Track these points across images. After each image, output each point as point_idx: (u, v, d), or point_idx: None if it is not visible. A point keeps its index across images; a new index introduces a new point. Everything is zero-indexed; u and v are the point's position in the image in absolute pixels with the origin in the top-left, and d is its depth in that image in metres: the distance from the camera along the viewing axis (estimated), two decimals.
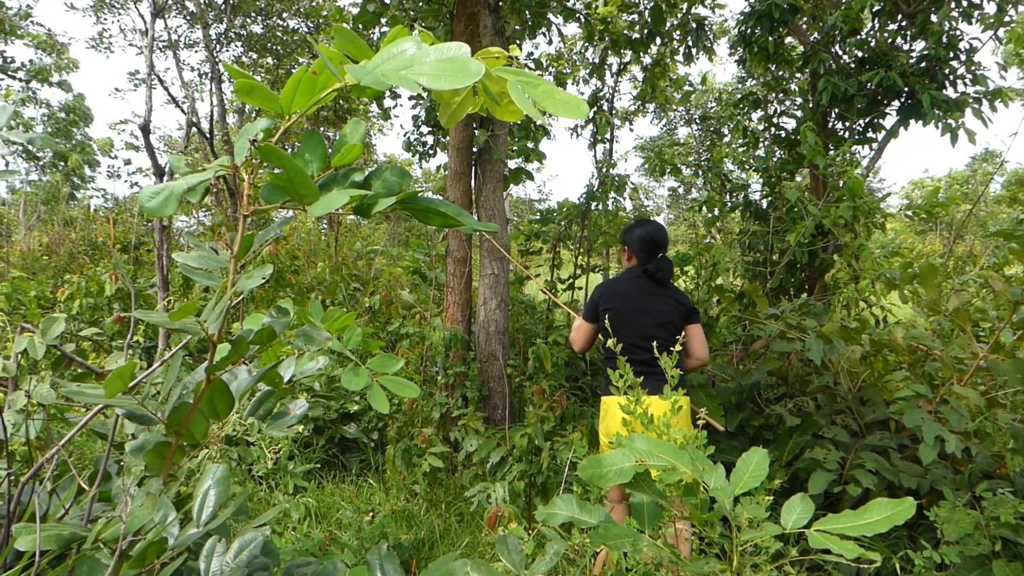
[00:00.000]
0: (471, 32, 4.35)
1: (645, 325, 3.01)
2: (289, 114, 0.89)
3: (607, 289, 3.14)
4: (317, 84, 0.85)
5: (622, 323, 3.00)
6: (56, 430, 2.14)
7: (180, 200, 0.91)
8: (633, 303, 3.05)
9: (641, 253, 3.14)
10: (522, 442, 3.79)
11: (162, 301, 4.71)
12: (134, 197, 15.30)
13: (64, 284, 6.67)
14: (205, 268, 1.06)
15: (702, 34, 5.80)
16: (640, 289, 3.08)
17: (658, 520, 1.60)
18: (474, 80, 0.72)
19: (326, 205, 0.84)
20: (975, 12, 4.51)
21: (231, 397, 1.17)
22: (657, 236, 3.13)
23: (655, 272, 3.07)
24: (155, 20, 5.22)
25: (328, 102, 0.90)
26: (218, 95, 11.65)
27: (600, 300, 3.11)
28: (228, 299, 0.94)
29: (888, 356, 3.41)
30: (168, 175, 4.76)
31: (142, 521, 0.96)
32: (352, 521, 3.35)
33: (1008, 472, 2.68)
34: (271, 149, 0.81)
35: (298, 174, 0.84)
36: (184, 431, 1.13)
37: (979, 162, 26.43)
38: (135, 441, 1.27)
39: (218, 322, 0.96)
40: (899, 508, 1.23)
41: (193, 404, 1.10)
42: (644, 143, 19.31)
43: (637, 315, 3.03)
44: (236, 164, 0.94)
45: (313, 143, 0.97)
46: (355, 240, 10.43)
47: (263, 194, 0.93)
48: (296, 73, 0.85)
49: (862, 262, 3.70)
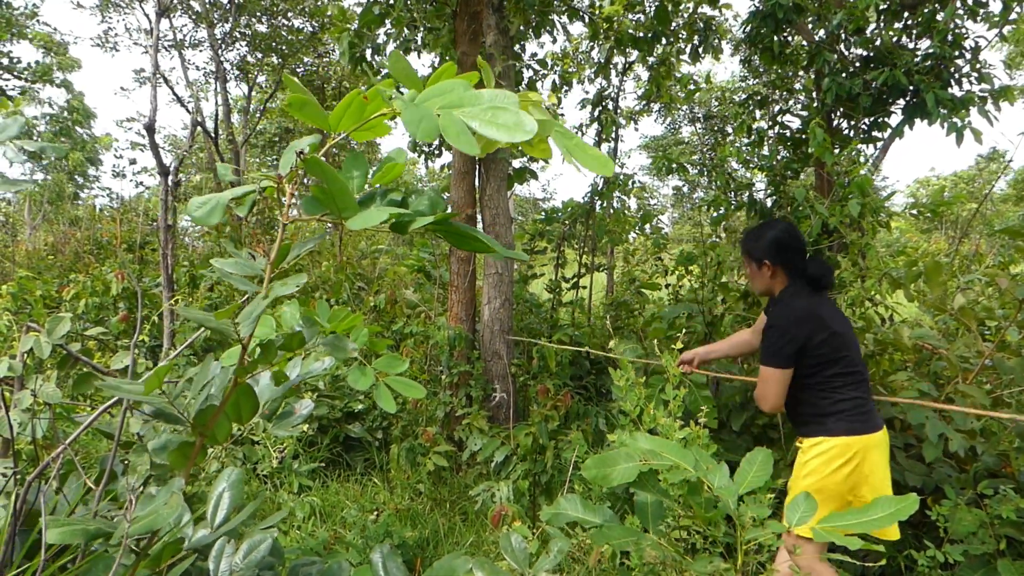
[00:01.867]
0: (474, 31, 4.35)
1: (855, 344, 2.45)
2: (336, 132, 0.92)
3: (799, 321, 2.39)
4: (367, 109, 0.89)
5: (847, 343, 2.40)
6: (62, 429, 2.15)
7: (225, 210, 0.96)
8: (837, 319, 2.44)
9: (790, 260, 2.54)
10: (526, 441, 3.79)
11: (167, 300, 4.72)
12: (139, 196, 15.34)
13: (70, 283, 6.70)
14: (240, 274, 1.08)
15: (709, 34, 5.80)
16: (830, 305, 2.50)
17: (662, 519, 1.60)
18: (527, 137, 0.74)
19: (365, 220, 0.87)
20: (980, 10, 4.50)
21: (256, 401, 1.18)
22: (794, 232, 2.57)
23: (822, 278, 2.51)
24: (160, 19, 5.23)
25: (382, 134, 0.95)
26: (223, 94, 11.68)
27: (804, 332, 2.37)
28: (266, 304, 0.96)
29: (894, 355, 3.40)
30: (173, 174, 4.77)
31: (161, 522, 0.97)
32: (357, 520, 3.36)
33: (1013, 471, 2.67)
34: (317, 161, 0.86)
35: (341, 189, 0.88)
36: (209, 432, 1.14)
37: (985, 161, 26.34)
38: (157, 440, 1.29)
39: (252, 326, 0.98)
40: (903, 504, 1.24)
41: (219, 406, 1.11)
42: (649, 142, 19.31)
43: (847, 327, 2.45)
44: (281, 175, 0.97)
45: (356, 162, 1.03)
46: (360, 239, 10.43)
47: (303, 206, 0.98)
48: (347, 96, 0.88)
49: (868, 261, 3.69)
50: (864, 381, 2.40)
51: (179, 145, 20.43)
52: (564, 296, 5.47)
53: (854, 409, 2.34)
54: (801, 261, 2.53)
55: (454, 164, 4.44)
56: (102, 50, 13.55)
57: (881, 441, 2.33)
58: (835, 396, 2.37)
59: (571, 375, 4.79)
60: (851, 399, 2.35)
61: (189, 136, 6.80)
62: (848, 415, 2.33)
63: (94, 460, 3.76)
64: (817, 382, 2.40)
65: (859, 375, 2.38)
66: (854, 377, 2.37)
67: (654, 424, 1.96)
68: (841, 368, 2.37)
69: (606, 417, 4.26)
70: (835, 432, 2.33)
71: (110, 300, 6.30)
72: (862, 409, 2.34)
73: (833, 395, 2.37)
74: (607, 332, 5.36)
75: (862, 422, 2.32)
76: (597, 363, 5.19)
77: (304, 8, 11.09)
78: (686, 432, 2.00)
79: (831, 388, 2.38)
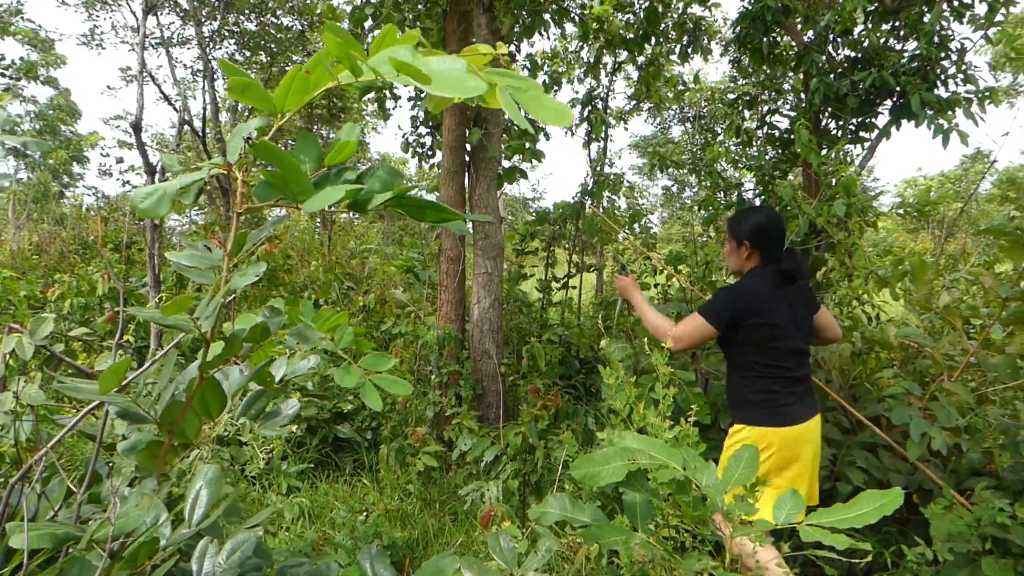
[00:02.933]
0: (464, 30, 4.34)
1: (798, 336, 2.58)
2: (283, 113, 0.89)
3: (749, 295, 2.58)
4: (310, 83, 0.86)
5: (779, 337, 2.54)
6: (45, 431, 2.14)
7: (174, 200, 0.92)
8: (787, 311, 2.57)
9: (766, 247, 2.67)
10: (516, 441, 3.79)
11: (154, 300, 4.69)
12: (126, 195, 15.23)
13: (54, 283, 6.64)
14: (198, 266, 1.06)
15: (699, 34, 5.82)
16: (787, 293, 2.62)
17: (651, 518, 1.60)
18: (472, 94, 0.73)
19: (321, 201, 0.84)
20: (966, 13, 4.53)
21: (223, 396, 1.16)
22: (778, 223, 2.68)
23: (794, 271, 2.63)
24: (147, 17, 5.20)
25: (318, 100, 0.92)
26: (211, 93, 11.61)
27: (750, 309, 2.55)
28: (221, 297, 0.94)
29: (880, 353, 3.43)
30: (160, 173, 4.75)
31: (135, 522, 0.96)
32: (346, 521, 3.35)
33: (996, 468, 2.69)
34: (266, 145, 0.82)
35: (293, 170, 0.85)
36: (177, 430, 1.12)
37: (971, 161, 26.56)
38: (127, 441, 1.27)
39: (211, 319, 0.96)
40: (888, 499, 1.25)
41: (186, 403, 1.10)
42: (638, 142, 19.34)
43: (792, 325, 2.56)
44: (229, 162, 0.94)
45: (308, 142, 0.99)
46: (349, 239, 10.41)
47: (256, 192, 0.94)
48: (290, 72, 0.85)
49: (855, 260, 3.72)
50: (788, 379, 2.53)
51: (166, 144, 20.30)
52: (554, 296, 5.48)
53: (768, 402, 2.50)
54: (777, 250, 2.67)
55: (443, 163, 4.43)
56: (88, 48, 13.44)
57: (799, 435, 2.47)
58: (755, 386, 2.54)
59: (560, 374, 4.79)
60: (768, 392, 2.51)
61: (176, 135, 6.76)
62: (761, 406, 2.51)
63: (79, 462, 3.73)
64: (741, 365, 2.59)
65: (784, 371, 2.52)
66: (777, 372, 2.52)
67: (644, 423, 1.96)
68: (766, 359, 2.53)
69: (596, 416, 4.26)
70: (751, 421, 2.53)
71: (96, 300, 6.25)
72: (778, 403, 2.50)
73: (753, 384, 2.55)
74: (596, 332, 5.37)
75: (775, 415, 2.49)
76: (587, 362, 5.19)
77: (293, 6, 11.05)
78: (676, 431, 2.01)
79: (753, 376, 2.55)
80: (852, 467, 2.93)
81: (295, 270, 7.42)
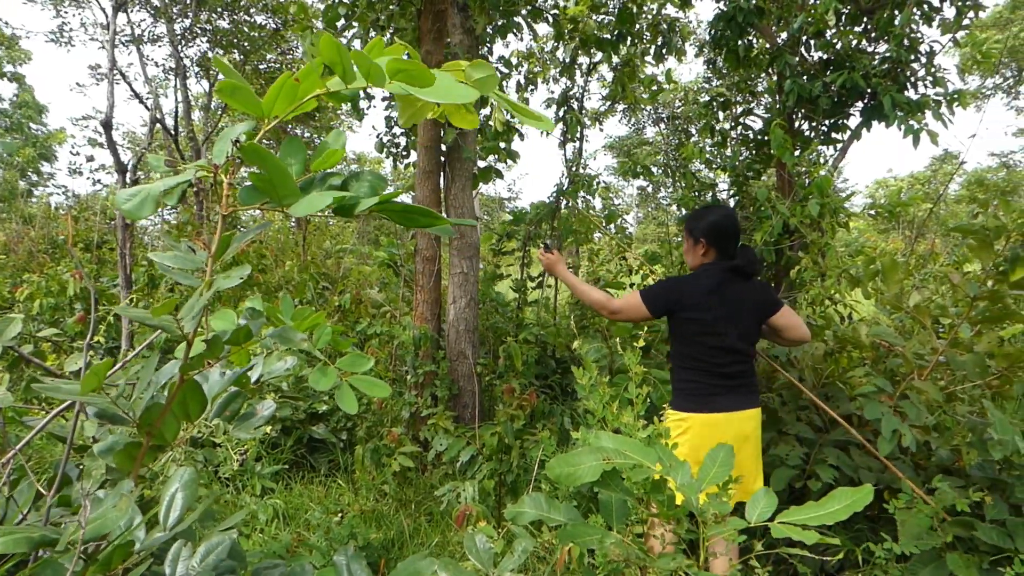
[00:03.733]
0: (439, 29, 4.33)
1: (733, 336, 2.65)
2: (269, 118, 0.90)
3: (688, 290, 2.67)
4: (299, 91, 0.88)
5: (709, 333, 2.64)
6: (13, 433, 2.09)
7: (157, 202, 0.92)
8: (726, 310, 2.64)
9: (720, 244, 2.74)
10: (492, 441, 3.78)
11: (125, 300, 4.61)
12: (96, 194, 14.99)
13: (23, 283, 6.51)
14: (182, 268, 1.05)
15: (673, 35, 5.85)
16: (730, 291, 2.68)
17: (626, 517, 1.61)
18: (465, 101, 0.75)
19: (308, 206, 0.86)
20: (935, 16, 4.61)
21: (204, 398, 1.16)
22: (733, 222, 2.76)
23: (746, 266, 2.70)
24: (116, 14, 5.11)
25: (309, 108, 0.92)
26: (183, 91, 11.46)
27: (681, 301, 2.66)
28: (207, 298, 0.93)
29: (852, 352, 3.47)
30: (131, 171, 4.67)
31: (112, 524, 0.94)
32: (321, 522, 3.32)
33: (964, 465, 2.74)
34: (255, 148, 0.83)
35: (281, 174, 0.85)
36: (155, 432, 1.11)
37: (940, 163, 27.03)
38: (103, 442, 1.25)
39: (195, 321, 0.96)
40: (858, 495, 1.27)
41: (166, 404, 1.09)
42: (613, 142, 19.43)
43: (726, 324, 2.64)
44: (216, 164, 0.94)
45: (293, 146, 1.00)
46: (324, 239, 10.32)
47: (241, 196, 0.94)
48: (279, 79, 0.87)
49: (827, 260, 3.76)
50: (717, 374, 2.63)
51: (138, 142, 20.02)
52: (530, 295, 5.48)
53: (693, 391, 2.64)
54: (732, 247, 2.76)
55: (418, 163, 4.42)
56: (57, 45, 13.20)
57: (718, 423, 2.57)
58: (683, 375, 2.68)
59: (536, 374, 4.79)
60: (693, 381, 2.65)
61: (148, 133, 6.65)
62: (686, 393, 2.65)
63: (48, 465, 3.66)
64: (675, 354, 2.74)
65: (712, 366, 2.63)
66: (705, 365, 2.63)
67: (618, 423, 1.97)
68: (694, 352, 2.66)
69: (572, 416, 4.27)
70: (676, 406, 2.67)
71: (66, 301, 6.15)
72: (702, 392, 2.62)
73: (681, 373, 2.69)
74: (572, 331, 5.38)
75: (695, 402, 2.61)
76: (563, 362, 5.20)
77: (266, 4, 10.94)
78: (651, 430, 2.02)
79: (682, 366, 2.70)
80: (823, 465, 2.96)
81: (270, 270, 7.34)
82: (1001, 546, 2.36)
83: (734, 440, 2.54)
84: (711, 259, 2.78)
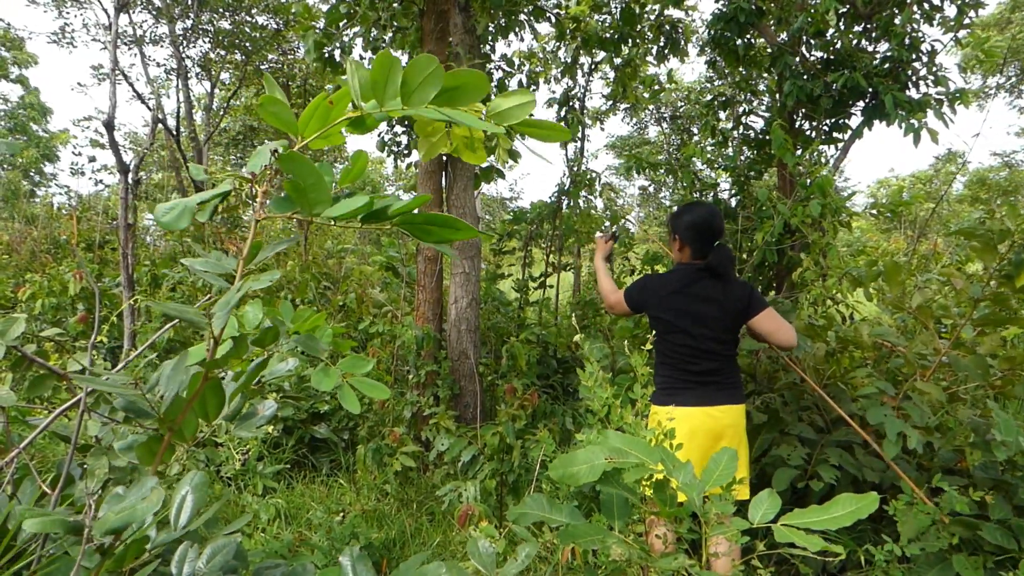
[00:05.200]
0: (441, 29, 4.33)
1: (703, 336, 2.66)
2: (302, 137, 0.96)
3: (655, 288, 2.76)
4: (331, 114, 0.94)
5: (672, 332, 2.69)
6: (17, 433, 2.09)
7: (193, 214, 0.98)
8: (690, 309, 2.67)
9: (695, 243, 2.75)
10: (493, 440, 3.78)
11: (128, 301, 4.62)
12: (98, 194, 15.00)
13: (26, 283, 6.53)
14: (213, 271, 1.10)
15: (675, 36, 5.85)
16: (697, 291, 2.70)
17: (628, 516, 1.61)
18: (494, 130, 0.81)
19: (343, 208, 0.92)
20: (936, 15, 4.60)
21: (223, 397, 1.17)
22: (713, 221, 2.74)
23: (716, 266, 2.69)
24: (119, 14, 5.11)
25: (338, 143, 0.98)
26: (184, 91, 11.47)
27: (648, 300, 2.77)
28: (237, 298, 0.96)
29: (854, 353, 3.47)
30: (133, 172, 4.67)
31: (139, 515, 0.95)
32: (322, 522, 3.32)
33: (968, 466, 2.73)
34: (293, 156, 0.88)
35: (317, 181, 0.91)
36: (176, 429, 1.12)
37: (942, 162, 26.98)
38: (124, 440, 1.27)
39: (225, 317, 0.98)
40: (863, 502, 1.26)
41: (188, 401, 1.10)
42: (615, 142, 19.41)
43: (694, 323, 2.66)
44: (253, 173, 0.99)
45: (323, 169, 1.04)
46: (326, 239, 10.33)
47: (273, 204, 1.01)
48: (315, 100, 0.92)
49: (829, 260, 3.76)
50: (684, 371, 2.69)
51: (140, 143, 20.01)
52: (531, 295, 5.48)
53: (660, 384, 2.71)
54: (707, 247, 2.75)
55: (421, 163, 4.42)
56: (59, 46, 13.21)
57: (684, 417, 2.56)
58: (656, 370, 2.77)
59: (538, 374, 4.79)
60: (660, 376, 2.73)
61: (150, 134, 6.65)
62: (657, 387, 2.71)
63: (51, 464, 3.66)
64: (654, 350, 2.78)
65: (679, 362, 2.69)
66: (671, 361, 2.71)
67: (621, 423, 1.96)
68: (663, 348, 2.74)
69: (573, 416, 4.27)
70: (653, 400, 2.71)
71: (68, 300, 6.16)
72: (667, 387, 2.69)
73: (656, 368, 2.78)
74: (575, 327, 5.39)
75: (662, 396, 2.68)
76: (564, 362, 5.20)
77: (268, 4, 10.93)
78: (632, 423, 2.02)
79: (657, 362, 2.79)
80: (825, 465, 2.96)
81: (271, 269, 7.34)
82: (1005, 546, 2.36)
83: (704, 436, 2.61)
84: (687, 257, 2.81)
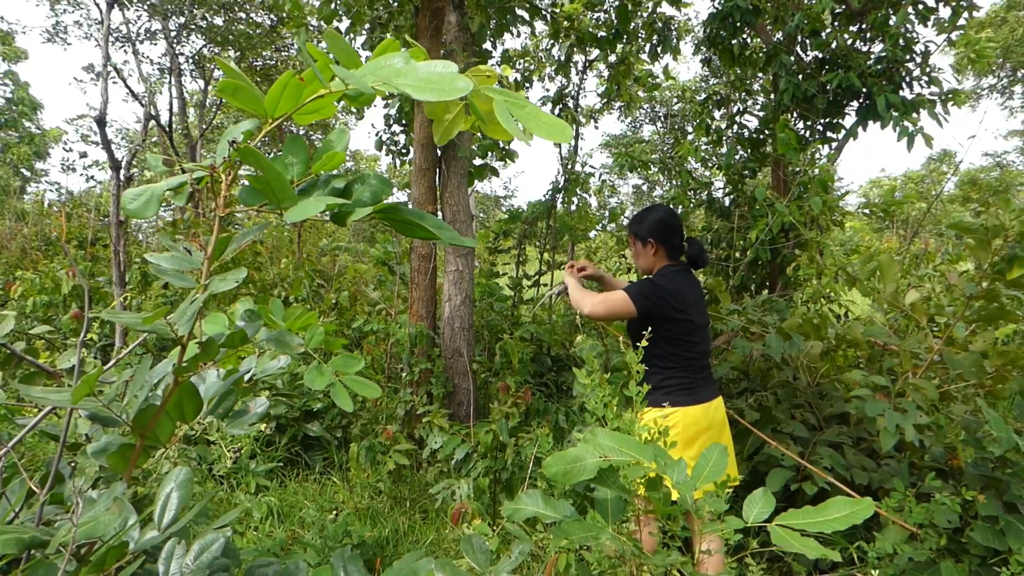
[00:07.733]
0: (436, 27, 4.32)
1: (704, 329, 2.76)
2: (273, 118, 0.89)
3: (676, 292, 2.68)
4: (304, 91, 0.86)
5: (694, 331, 2.69)
6: (5, 431, 2.08)
7: (161, 201, 0.92)
8: (701, 307, 2.74)
9: (669, 240, 2.78)
10: (487, 438, 3.78)
11: (119, 298, 4.60)
12: (90, 191, 14.93)
13: (16, 280, 6.49)
14: (178, 269, 1.04)
15: (668, 34, 5.85)
16: (697, 287, 2.77)
17: (622, 515, 1.61)
18: (458, 95, 0.74)
19: (302, 211, 0.84)
20: (930, 16, 4.62)
21: (199, 400, 1.15)
22: (676, 216, 2.80)
23: (697, 257, 2.81)
24: (111, 11, 5.07)
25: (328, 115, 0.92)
26: (177, 88, 11.42)
27: (672, 305, 2.65)
28: (201, 301, 0.92)
29: (848, 351, 3.48)
30: (125, 168, 4.65)
31: (104, 528, 0.93)
32: (315, 520, 3.31)
33: (959, 464, 2.74)
34: (250, 151, 0.82)
35: (277, 178, 0.84)
36: (150, 433, 1.10)
37: (934, 162, 27.08)
38: (96, 443, 1.24)
39: (189, 323, 0.94)
40: (857, 508, 1.26)
41: (160, 406, 1.08)
42: (610, 140, 19.42)
43: (704, 320, 2.75)
44: (215, 165, 0.93)
45: (296, 147, 0.98)
46: (320, 236, 10.30)
47: (241, 197, 0.93)
48: (282, 78, 0.85)
49: (824, 258, 3.77)
50: (695, 367, 2.68)
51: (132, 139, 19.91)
52: (526, 293, 5.47)
53: (677, 386, 2.63)
54: (679, 242, 2.78)
55: (415, 161, 4.41)
56: (52, 43, 13.15)
57: (703, 413, 2.61)
58: (666, 374, 2.63)
59: (531, 372, 4.79)
60: (677, 378, 2.65)
61: (142, 130, 6.63)
62: (672, 389, 2.63)
63: (41, 463, 3.64)
64: (658, 355, 2.63)
65: (695, 361, 2.67)
66: (691, 362, 2.66)
67: (617, 421, 1.96)
68: (682, 351, 2.65)
69: (567, 414, 4.27)
70: (660, 403, 2.62)
71: (60, 298, 6.12)
72: (687, 386, 2.64)
73: (665, 372, 2.64)
74: (573, 325, 5.39)
75: (685, 396, 2.62)
76: (558, 360, 5.20)
77: (263, 1, 10.90)
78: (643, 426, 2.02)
79: (666, 367, 2.64)
80: (818, 467, 2.97)
81: (265, 268, 7.33)
82: (993, 546, 2.37)
83: (719, 427, 2.66)
84: (663, 257, 2.81)
